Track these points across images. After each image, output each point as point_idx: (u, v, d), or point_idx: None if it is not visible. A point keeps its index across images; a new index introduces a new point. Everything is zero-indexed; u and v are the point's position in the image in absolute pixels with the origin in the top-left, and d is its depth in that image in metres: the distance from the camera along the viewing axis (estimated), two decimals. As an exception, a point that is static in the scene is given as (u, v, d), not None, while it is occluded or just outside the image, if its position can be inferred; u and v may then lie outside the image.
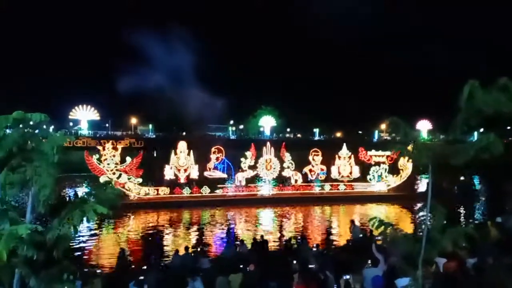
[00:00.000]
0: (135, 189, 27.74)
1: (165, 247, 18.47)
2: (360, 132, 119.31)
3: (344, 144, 33.81)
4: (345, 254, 12.50)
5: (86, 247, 18.48)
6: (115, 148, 27.47)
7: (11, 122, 4.10)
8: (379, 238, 10.95)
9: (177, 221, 24.94)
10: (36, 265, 3.96)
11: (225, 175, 30.12)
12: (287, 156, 31.42)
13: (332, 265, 9.77)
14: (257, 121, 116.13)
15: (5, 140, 4.01)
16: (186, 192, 28.87)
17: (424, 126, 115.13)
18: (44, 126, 4.85)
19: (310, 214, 27.76)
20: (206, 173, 29.77)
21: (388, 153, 32.52)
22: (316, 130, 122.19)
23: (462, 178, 34.66)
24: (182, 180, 29.09)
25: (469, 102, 4.45)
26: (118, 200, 4.17)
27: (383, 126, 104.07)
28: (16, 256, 3.77)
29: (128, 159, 27.78)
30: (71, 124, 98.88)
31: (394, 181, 32.53)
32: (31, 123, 4.30)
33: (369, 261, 9.45)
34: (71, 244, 16.60)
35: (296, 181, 31.41)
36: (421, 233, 4.99)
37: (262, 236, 16.24)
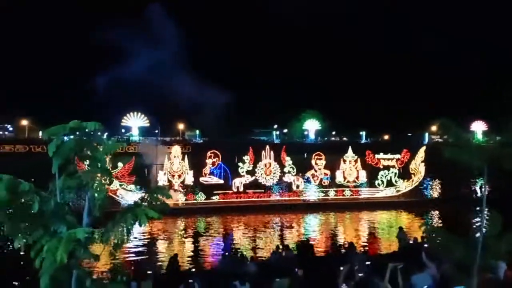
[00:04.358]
0: (127, 195, 26.14)
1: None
2: (409, 134, 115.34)
3: (350, 147, 32.32)
4: (393, 261, 12.13)
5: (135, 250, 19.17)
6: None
7: (68, 130, 4.36)
8: (428, 245, 10.52)
9: (224, 225, 25.37)
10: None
11: (221, 181, 29.17)
12: (288, 160, 30.17)
13: (380, 271, 9.51)
14: (302, 124, 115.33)
15: (63, 147, 4.25)
16: (181, 199, 27.67)
17: (478, 128, 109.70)
18: (99, 133, 5.10)
19: (335, 220, 27.24)
20: (201, 179, 28.88)
21: (397, 156, 30.90)
22: (363, 133, 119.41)
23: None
24: (176, 186, 28.19)
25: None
26: (167, 205, 4.31)
27: (433, 128, 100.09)
28: (73, 257, 3.96)
29: (120, 164, 26.50)
30: (123, 131, 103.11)
31: (405, 186, 30.86)
32: (86, 130, 4.54)
33: None
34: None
35: (298, 186, 30.19)
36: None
37: (307, 241, 16.12)
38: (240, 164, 29.26)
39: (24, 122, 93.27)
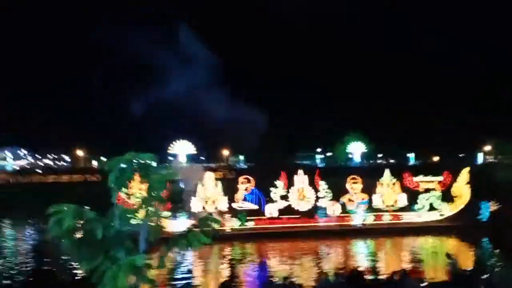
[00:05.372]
0: (163, 222, 25.82)
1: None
2: (461, 155, 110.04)
3: (387, 169, 30.86)
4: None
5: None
6: (142, 182, 26.46)
7: (125, 162, 4.68)
8: (486, 273, 9.97)
9: (261, 251, 25.22)
10: None
11: (256, 206, 28.76)
12: (322, 185, 29.34)
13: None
14: (345, 147, 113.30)
15: (122, 178, 4.56)
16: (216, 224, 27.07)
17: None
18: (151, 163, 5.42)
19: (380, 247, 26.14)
20: (234, 205, 28.67)
21: (439, 178, 29.19)
22: (411, 155, 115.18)
23: None
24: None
25: None
26: (218, 232, 4.49)
27: (488, 148, 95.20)
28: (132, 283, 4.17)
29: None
30: (170, 158, 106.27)
31: (449, 209, 29.05)
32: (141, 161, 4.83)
33: None
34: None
35: (333, 211, 29.11)
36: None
37: (356, 268, 15.73)
38: (272, 189, 28.90)
39: (80, 153, 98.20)
